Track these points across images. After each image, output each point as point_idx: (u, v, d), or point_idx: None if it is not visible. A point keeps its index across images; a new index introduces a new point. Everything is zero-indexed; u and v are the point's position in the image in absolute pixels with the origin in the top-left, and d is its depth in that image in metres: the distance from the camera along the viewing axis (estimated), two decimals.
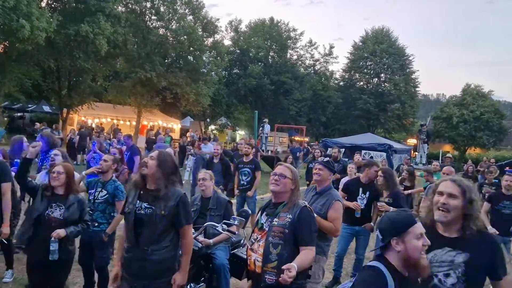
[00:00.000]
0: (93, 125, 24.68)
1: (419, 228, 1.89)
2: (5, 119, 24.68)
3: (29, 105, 29.32)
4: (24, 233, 4.03)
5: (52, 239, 3.39)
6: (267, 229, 2.91)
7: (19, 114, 29.28)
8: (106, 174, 4.43)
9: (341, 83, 41.37)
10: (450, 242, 2.25)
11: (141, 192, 3.01)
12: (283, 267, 2.56)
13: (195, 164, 10.02)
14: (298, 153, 18.37)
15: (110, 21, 19.46)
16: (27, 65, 19.74)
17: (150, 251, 2.87)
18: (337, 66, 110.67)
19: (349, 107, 38.41)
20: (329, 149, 14.96)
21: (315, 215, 3.47)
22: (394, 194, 5.23)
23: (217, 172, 7.10)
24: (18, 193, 5.00)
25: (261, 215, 3.07)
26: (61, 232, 3.44)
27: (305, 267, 2.78)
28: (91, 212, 4.20)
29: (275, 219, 2.89)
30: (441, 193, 2.28)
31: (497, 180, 7.67)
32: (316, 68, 40.05)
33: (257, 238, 2.96)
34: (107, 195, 4.31)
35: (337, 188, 8.68)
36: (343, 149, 14.29)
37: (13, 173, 4.31)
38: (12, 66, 18.65)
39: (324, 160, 4.13)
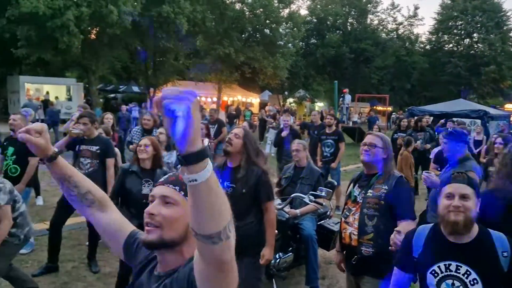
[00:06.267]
0: None
1: None
2: (100, 100, 26.73)
3: (120, 86, 31.35)
4: None
5: None
6: (361, 201, 2.82)
7: (112, 95, 31.48)
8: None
9: (427, 47, 38.46)
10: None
11: (223, 170, 3.07)
12: (396, 229, 2.43)
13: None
14: (376, 122, 17.72)
15: (189, 0, 19.98)
16: (117, 49, 21.12)
17: (236, 227, 2.94)
18: (423, 29, 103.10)
19: (436, 72, 35.70)
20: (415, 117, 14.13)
21: None
22: None
23: (288, 142, 7.04)
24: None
25: (354, 187, 2.98)
26: None
27: None
28: None
29: (370, 191, 2.79)
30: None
31: None
32: (399, 33, 37.63)
33: (351, 211, 2.88)
34: None
35: (423, 159, 8.29)
36: (431, 118, 13.37)
37: None
38: (104, 51, 20.11)
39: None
